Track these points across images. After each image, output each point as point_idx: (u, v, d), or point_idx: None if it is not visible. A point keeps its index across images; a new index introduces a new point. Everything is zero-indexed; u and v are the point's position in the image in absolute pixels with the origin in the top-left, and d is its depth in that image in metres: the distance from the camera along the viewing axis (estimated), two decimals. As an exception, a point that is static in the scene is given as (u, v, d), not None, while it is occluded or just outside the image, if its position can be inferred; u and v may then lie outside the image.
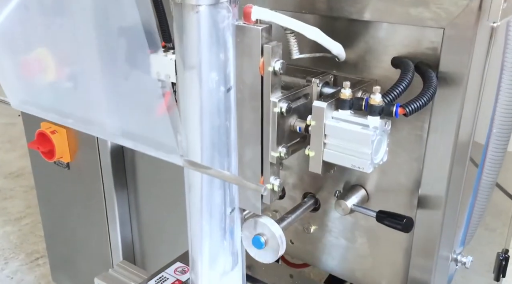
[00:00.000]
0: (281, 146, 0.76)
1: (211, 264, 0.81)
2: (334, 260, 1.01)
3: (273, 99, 0.72)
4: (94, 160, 1.36)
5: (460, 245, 1.00)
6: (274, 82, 0.71)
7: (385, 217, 0.82)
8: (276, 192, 0.81)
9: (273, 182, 0.79)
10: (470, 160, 0.89)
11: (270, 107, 0.72)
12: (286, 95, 0.74)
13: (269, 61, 0.69)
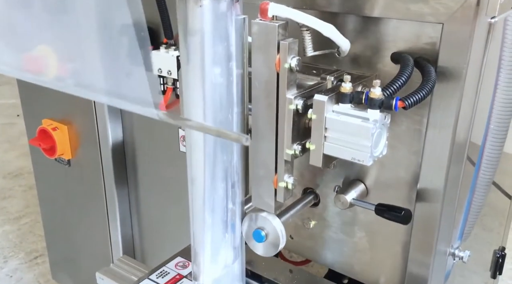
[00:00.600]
0: (296, 144, 0.75)
1: (213, 257, 0.82)
2: (333, 255, 1.02)
3: (288, 96, 0.72)
4: (95, 157, 1.36)
5: (457, 239, 1.02)
6: (290, 79, 0.71)
7: (384, 210, 0.83)
8: (290, 190, 0.80)
9: (287, 180, 0.78)
10: (467, 155, 0.90)
11: (285, 104, 0.72)
12: (302, 92, 0.73)
13: (285, 58, 0.69)
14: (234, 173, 0.80)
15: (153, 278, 1.01)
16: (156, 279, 1.01)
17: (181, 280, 1.01)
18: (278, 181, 0.78)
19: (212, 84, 0.73)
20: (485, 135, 1.04)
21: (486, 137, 1.05)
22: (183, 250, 1.11)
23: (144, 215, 1.39)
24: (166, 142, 1.24)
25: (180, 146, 1.22)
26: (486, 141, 1.06)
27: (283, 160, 0.76)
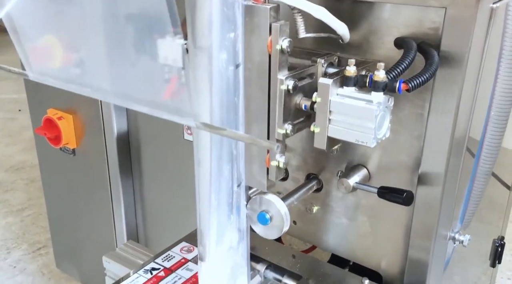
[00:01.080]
0: (287, 123, 0.78)
1: (218, 238, 0.84)
2: (336, 239, 1.04)
3: (280, 76, 0.74)
4: (100, 146, 1.38)
5: (458, 224, 1.03)
6: (282, 60, 0.74)
7: (386, 193, 0.85)
8: (282, 169, 0.83)
9: (279, 159, 0.81)
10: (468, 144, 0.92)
11: (277, 85, 0.75)
12: (293, 74, 0.76)
13: (277, 40, 0.72)
14: (239, 156, 0.82)
15: (159, 261, 1.03)
16: (162, 262, 1.03)
17: (186, 263, 1.03)
18: (270, 160, 0.81)
19: (219, 70, 0.74)
20: (485, 124, 1.06)
21: (486, 126, 1.07)
22: (188, 235, 1.12)
23: (148, 203, 1.41)
24: (170, 131, 1.26)
25: (184, 135, 1.24)
26: (487, 130, 1.08)
27: (275, 139, 0.79)
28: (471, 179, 1.10)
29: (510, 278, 2.01)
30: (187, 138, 1.23)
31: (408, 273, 0.96)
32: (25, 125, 3.56)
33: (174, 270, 1.01)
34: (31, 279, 2.00)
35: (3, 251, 2.17)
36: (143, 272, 0.99)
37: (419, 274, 0.94)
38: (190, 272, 1.00)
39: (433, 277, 0.96)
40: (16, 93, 4.21)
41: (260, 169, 0.83)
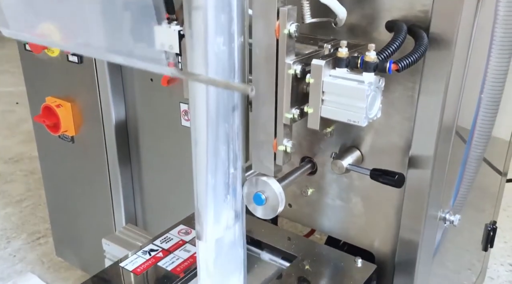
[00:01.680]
0: (294, 108, 0.79)
1: (215, 217, 0.86)
2: (330, 221, 1.06)
3: (288, 61, 0.75)
4: (98, 133, 1.40)
5: (450, 206, 1.06)
6: (289, 45, 0.74)
7: (378, 174, 0.87)
8: (289, 154, 0.83)
9: (286, 144, 0.82)
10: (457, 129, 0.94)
11: (284, 69, 0.75)
12: (300, 58, 0.77)
13: (285, 24, 0.72)
14: (236, 138, 0.84)
15: (157, 243, 1.05)
16: (160, 244, 1.05)
17: (184, 245, 1.06)
18: (277, 145, 0.82)
19: (215, 53, 0.76)
20: (477, 109, 1.08)
21: (478, 111, 1.09)
22: (186, 218, 1.15)
23: (147, 190, 1.43)
24: (168, 117, 1.28)
25: (181, 121, 1.26)
26: (478, 115, 1.10)
27: (282, 124, 0.80)
28: (463, 163, 1.13)
29: (503, 264, 2.04)
30: (185, 124, 1.25)
31: (399, 253, 0.98)
32: (23, 117, 3.57)
33: (172, 251, 1.03)
34: (30, 267, 2.02)
35: (2, 241, 2.20)
36: (142, 253, 1.02)
37: (410, 253, 0.97)
38: (188, 253, 1.03)
39: (424, 257, 0.99)
40: (13, 86, 4.21)
41: (267, 154, 0.84)
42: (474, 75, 0.97)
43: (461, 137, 1.06)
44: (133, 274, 0.96)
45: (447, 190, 1.03)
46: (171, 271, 0.97)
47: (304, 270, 0.98)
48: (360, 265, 0.99)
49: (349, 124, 0.95)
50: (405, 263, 0.98)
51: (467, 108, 1.03)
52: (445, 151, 0.93)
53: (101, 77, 1.33)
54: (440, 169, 0.92)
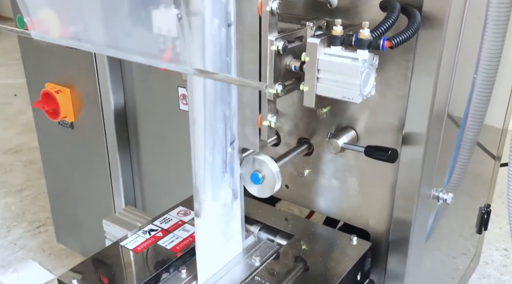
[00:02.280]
0: (277, 84, 0.82)
1: (213, 195, 0.88)
2: (327, 201, 1.08)
3: (270, 37, 0.78)
4: (98, 119, 1.41)
5: (444, 185, 1.08)
6: (272, 22, 0.77)
7: (372, 151, 0.89)
8: (273, 129, 0.87)
9: (270, 119, 0.85)
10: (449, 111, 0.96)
11: (267, 46, 0.79)
12: (282, 35, 0.80)
13: (267, 1, 0.75)
14: (233, 118, 0.86)
15: (157, 223, 1.07)
16: (159, 224, 1.07)
17: (183, 225, 1.08)
18: (262, 120, 0.85)
19: (212, 34, 0.78)
20: (471, 91, 1.10)
21: (472, 94, 1.11)
22: (184, 200, 1.17)
23: (146, 174, 1.45)
24: (166, 101, 1.29)
25: (180, 105, 1.27)
26: (472, 98, 1.12)
27: (266, 99, 0.82)
28: (457, 145, 1.15)
29: (498, 249, 2.07)
30: (183, 108, 1.27)
31: (393, 231, 1.01)
32: (21, 109, 3.58)
33: (171, 231, 1.05)
34: (31, 255, 2.04)
35: (3, 229, 2.21)
36: (142, 233, 1.04)
37: (403, 231, 0.99)
38: (187, 232, 1.05)
39: (417, 235, 1.01)
40: (11, 78, 4.22)
41: (253, 130, 0.87)
42: (467, 55, 0.99)
43: (455, 121, 1.08)
44: (134, 252, 0.98)
45: (441, 169, 1.05)
46: (170, 250, 0.99)
47: (300, 248, 1.00)
48: (355, 243, 1.01)
49: (345, 104, 0.98)
50: (399, 241, 1.00)
51: (461, 90, 1.05)
52: (437, 129, 0.94)
53: (99, 63, 1.34)
54: (433, 147, 0.94)
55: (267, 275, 0.92)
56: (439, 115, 0.92)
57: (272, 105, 0.85)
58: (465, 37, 0.89)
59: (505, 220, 2.22)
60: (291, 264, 0.95)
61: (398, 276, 1.04)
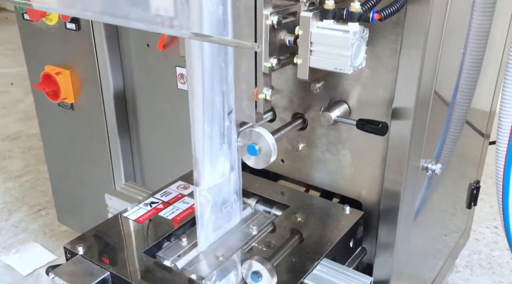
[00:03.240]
0: (272, 57, 0.85)
1: (211, 165, 0.92)
2: (321, 174, 1.13)
3: (265, 12, 0.81)
4: (97, 99, 1.45)
5: (434, 158, 1.12)
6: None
7: (364, 124, 0.93)
8: (269, 102, 0.91)
9: (266, 92, 0.89)
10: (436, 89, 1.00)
11: (263, 20, 0.82)
12: (277, 10, 0.83)
13: None
14: (230, 91, 0.90)
15: (157, 196, 1.12)
16: (160, 197, 1.11)
17: (183, 198, 1.12)
18: (258, 94, 0.88)
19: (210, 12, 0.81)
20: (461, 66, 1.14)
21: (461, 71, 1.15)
22: (184, 175, 1.21)
23: (145, 153, 1.48)
24: (164, 81, 1.33)
25: (178, 84, 1.31)
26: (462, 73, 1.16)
27: (262, 73, 0.86)
28: (446, 121, 1.19)
29: (489, 226, 2.13)
30: (181, 88, 1.30)
31: (383, 201, 1.05)
32: (18, 97, 3.60)
33: (171, 203, 1.09)
34: (33, 237, 2.08)
35: (4, 213, 2.25)
36: (143, 205, 1.08)
37: (394, 201, 1.04)
38: (187, 204, 1.09)
39: (406, 205, 1.06)
40: (7, 68, 4.23)
41: (249, 103, 0.91)
42: (456, 31, 1.03)
43: (444, 98, 1.12)
44: (136, 222, 1.02)
45: (430, 142, 1.10)
46: (171, 220, 1.03)
47: (295, 217, 1.05)
48: (348, 212, 1.05)
49: (338, 79, 1.02)
50: (389, 210, 1.05)
51: (450, 66, 1.09)
52: (426, 102, 0.98)
53: (98, 44, 1.37)
54: (422, 119, 0.99)
55: (263, 242, 0.97)
56: (427, 87, 0.96)
57: (268, 78, 0.88)
58: (453, 13, 0.93)
59: (495, 200, 2.28)
60: (286, 232, 1.00)
61: (389, 245, 1.08)
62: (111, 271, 0.87)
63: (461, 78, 1.17)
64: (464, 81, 1.19)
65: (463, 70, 1.17)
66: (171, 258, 0.95)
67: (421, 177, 1.09)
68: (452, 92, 1.16)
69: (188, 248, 0.98)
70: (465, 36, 1.10)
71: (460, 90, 1.20)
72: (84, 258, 0.91)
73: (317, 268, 0.90)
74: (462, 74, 1.18)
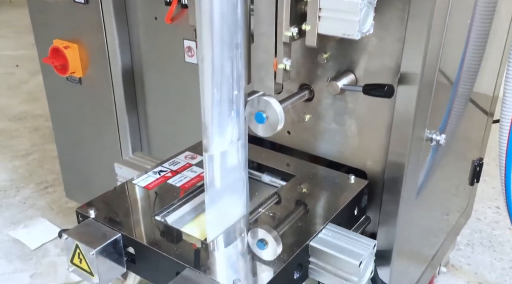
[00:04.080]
0: (293, 27, 0.85)
1: (220, 131, 0.93)
2: (327, 144, 1.14)
3: None
4: (105, 73, 1.46)
5: (438, 128, 1.14)
6: None
7: (370, 89, 0.94)
8: (288, 72, 0.91)
9: (285, 62, 0.89)
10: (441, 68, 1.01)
11: None
12: None
13: None
14: (239, 57, 0.91)
15: (166, 165, 1.14)
16: (168, 166, 1.14)
17: (190, 167, 1.14)
18: (277, 64, 0.89)
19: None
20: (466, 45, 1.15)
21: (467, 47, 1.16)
22: (191, 146, 1.23)
23: (152, 126, 1.50)
24: (172, 54, 1.34)
25: (185, 57, 1.32)
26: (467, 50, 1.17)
27: (282, 42, 0.87)
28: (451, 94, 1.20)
29: (490, 207, 2.16)
30: (188, 61, 1.32)
31: (388, 170, 1.07)
32: (23, 78, 3.61)
33: (180, 172, 1.12)
34: (40, 213, 2.12)
35: (12, 190, 2.29)
36: (152, 173, 1.10)
37: (398, 170, 1.05)
38: (195, 173, 1.11)
39: (410, 175, 1.07)
40: (13, 50, 4.23)
41: (268, 74, 0.91)
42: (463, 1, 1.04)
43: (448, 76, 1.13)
44: (145, 189, 1.04)
45: (435, 114, 1.11)
46: (180, 187, 1.05)
47: (300, 186, 1.07)
48: (353, 181, 1.07)
49: (345, 49, 1.03)
50: (393, 180, 1.07)
51: (456, 38, 1.10)
52: (432, 69, 0.99)
53: (106, 18, 1.38)
54: (427, 86, 1.00)
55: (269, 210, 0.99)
56: (434, 56, 0.97)
57: (287, 48, 0.88)
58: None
59: (497, 181, 2.30)
60: (292, 200, 1.02)
61: (392, 214, 1.11)
62: (122, 232, 0.90)
63: (467, 51, 1.18)
64: (470, 54, 1.20)
65: (469, 43, 1.18)
66: (180, 222, 0.98)
67: (425, 149, 1.10)
68: (458, 64, 1.17)
69: (196, 214, 1.00)
70: (473, 6, 1.11)
71: (466, 63, 1.20)
72: (96, 220, 0.93)
73: (323, 232, 0.92)
74: (468, 47, 1.18)
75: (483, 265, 1.83)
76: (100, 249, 0.86)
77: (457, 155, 1.46)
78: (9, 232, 1.98)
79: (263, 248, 0.91)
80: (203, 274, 0.80)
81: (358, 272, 0.86)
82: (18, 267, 1.81)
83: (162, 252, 0.85)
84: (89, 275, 0.88)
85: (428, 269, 1.50)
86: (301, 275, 0.89)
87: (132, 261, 0.91)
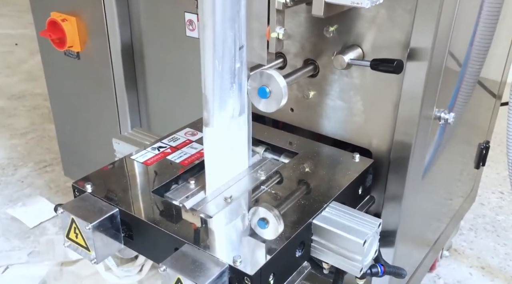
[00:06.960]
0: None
1: (221, 104, 0.90)
2: (331, 122, 1.11)
3: None
4: (104, 48, 1.42)
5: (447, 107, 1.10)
6: None
7: (378, 64, 0.91)
8: (281, 41, 0.88)
9: (279, 31, 0.86)
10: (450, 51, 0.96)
11: None
12: None
13: None
14: (242, 27, 0.87)
15: (165, 141, 1.11)
16: (168, 142, 1.10)
17: (191, 143, 1.11)
18: (270, 32, 0.86)
19: None
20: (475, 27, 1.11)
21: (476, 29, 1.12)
22: (191, 123, 1.20)
23: (152, 102, 1.47)
24: (173, 28, 1.30)
25: (186, 31, 1.28)
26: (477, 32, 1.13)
27: (275, 10, 0.83)
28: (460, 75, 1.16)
29: (494, 192, 2.13)
30: (189, 35, 1.27)
31: (394, 149, 1.03)
32: (23, 57, 3.56)
33: (179, 148, 1.08)
34: (39, 191, 2.10)
35: (10, 168, 2.26)
36: (151, 149, 1.07)
37: (405, 150, 1.02)
38: (195, 149, 1.08)
39: (417, 155, 1.04)
40: (12, 29, 4.18)
41: (261, 43, 0.88)
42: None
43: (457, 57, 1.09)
44: (143, 165, 1.01)
45: (444, 92, 1.07)
46: (179, 163, 1.02)
47: (304, 164, 1.04)
48: (358, 160, 1.04)
49: (352, 22, 0.98)
50: (399, 159, 1.04)
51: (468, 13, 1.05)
52: (443, 45, 0.95)
53: (105, -10, 1.33)
54: (437, 63, 0.96)
55: (272, 188, 0.96)
56: (445, 30, 0.93)
57: (281, 16, 0.85)
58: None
59: (502, 167, 2.27)
60: (295, 178, 0.99)
61: (397, 195, 1.08)
62: (120, 207, 0.87)
63: (477, 33, 1.14)
64: (479, 36, 1.16)
65: (479, 25, 1.13)
66: (179, 199, 0.95)
67: (433, 128, 1.07)
68: (468, 42, 1.13)
69: (196, 190, 0.97)
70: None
71: (475, 44, 1.16)
72: (93, 195, 0.90)
73: (326, 210, 0.89)
74: (478, 29, 1.14)
75: (486, 250, 1.81)
76: (97, 223, 0.83)
77: (463, 137, 1.42)
78: (7, 210, 1.96)
79: (264, 227, 0.88)
80: (202, 250, 0.77)
81: (362, 251, 0.83)
82: (16, 245, 1.80)
83: (161, 227, 0.82)
84: (85, 250, 0.86)
85: (430, 252, 1.48)
86: (303, 254, 0.86)
87: (130, 237, 0.89)
